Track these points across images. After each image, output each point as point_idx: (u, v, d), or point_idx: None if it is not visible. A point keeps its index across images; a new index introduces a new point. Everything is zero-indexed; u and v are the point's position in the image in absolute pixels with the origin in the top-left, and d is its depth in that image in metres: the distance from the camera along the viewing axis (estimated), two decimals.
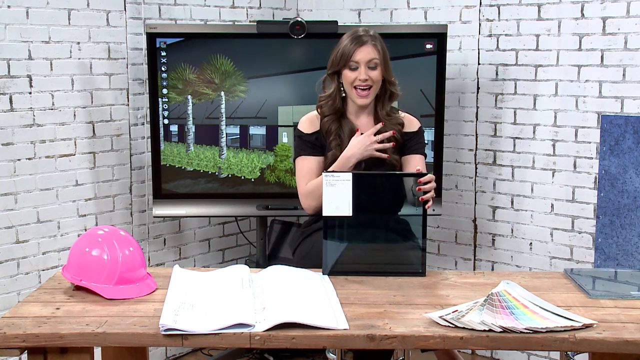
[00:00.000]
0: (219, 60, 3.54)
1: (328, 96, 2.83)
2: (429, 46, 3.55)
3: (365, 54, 2.75)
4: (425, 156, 2.93)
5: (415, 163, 2.81)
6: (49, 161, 3.33)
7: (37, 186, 3.30)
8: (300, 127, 2.86)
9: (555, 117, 3.61)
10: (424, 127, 2.95)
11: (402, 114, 2.89)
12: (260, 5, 4.09)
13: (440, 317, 2.01)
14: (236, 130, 3.60)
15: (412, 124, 2.89)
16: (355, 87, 2.76)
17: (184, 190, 3.60)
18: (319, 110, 2.86)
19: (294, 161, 2.88)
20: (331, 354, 2.91)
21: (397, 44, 3.50)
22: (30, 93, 3.24)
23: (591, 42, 3.46)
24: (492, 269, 3.88)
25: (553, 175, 3.65)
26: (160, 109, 3.53)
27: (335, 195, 2.40)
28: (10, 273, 3.23)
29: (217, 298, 2.14)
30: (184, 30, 3.58)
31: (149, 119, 3.57)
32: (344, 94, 2.82)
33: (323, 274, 2.41)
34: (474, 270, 3.89)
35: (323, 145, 2.82)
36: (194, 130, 3.57)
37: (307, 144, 2.82)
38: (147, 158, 3.68)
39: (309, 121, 2.86)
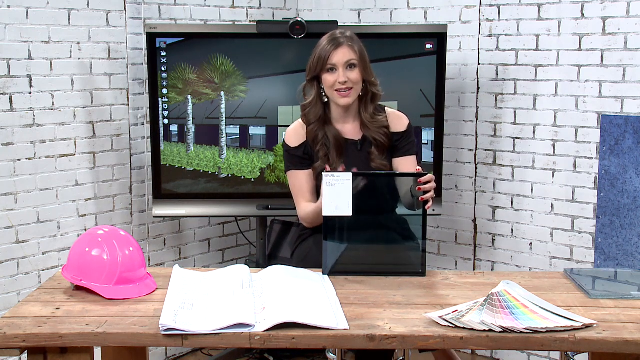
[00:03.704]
0: (219, 60, 3.54)
1: (310, 103, 2.79)
2: (429, 46, 3.54)
3: (342, 55, 2.71)
4: (416, 154, 2.87)
5: (408, 165, 2.77)
6: (49, 161, 3.33)
7: (37, 186, 3.30)
8: (287, 140, 2.82)
9: (555, 117, 3.61)
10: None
11: (389, 111, 2.84)
12: (260, 5, 4.09)
13: (440, 317, 2.01)
14: (236, 130, 3.60)
15: (399, 122, 2.83)
16: (336, 90, 2.72)
17: (184, 190, 3.60)
18: (304, 119, 2.82)
19: (285, 173, 2.86)
20: (331, 354, 2.91)
21: (397, 44, 3.51)
22: (30, 93, 3.24)
23: (591, 42, 3.46)
24: (492, 269, 3.87)
25: (553, 175, 3.65)
26: (160, 109, 3.53)
27: (335, 195, 2.39)
28: (10, 273, 3.23)
29: (217, 298, 2.14)
30: (184, 30, 3.58)
31: (149, 119, 3.57)
32: (325, 99, 2.78)
33: (323, 274, 2.41)
34: (474, 270, 3.89)
35: (311, 156, 2.79)
36: (194, 130, 3.57)
37: (295, 158, 2.79)
38: (147, 158, 3.68)
39: (295, 133, 2.82)
